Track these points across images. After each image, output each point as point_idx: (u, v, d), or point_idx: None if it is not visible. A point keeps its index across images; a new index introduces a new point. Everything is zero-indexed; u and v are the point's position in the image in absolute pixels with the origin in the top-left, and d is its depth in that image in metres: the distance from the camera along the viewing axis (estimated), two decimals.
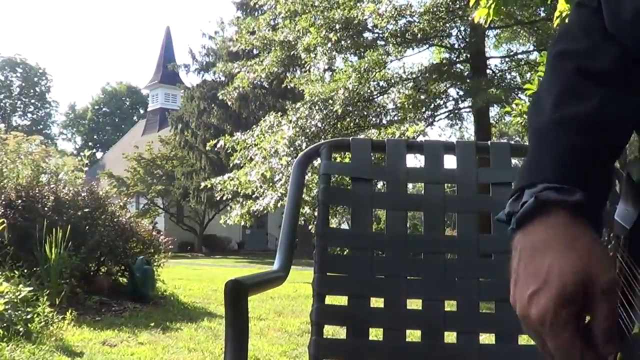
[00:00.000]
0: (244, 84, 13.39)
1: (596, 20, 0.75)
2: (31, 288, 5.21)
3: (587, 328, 0.64)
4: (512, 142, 1.60)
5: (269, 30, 13.27)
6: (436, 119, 14.30)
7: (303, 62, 13.47)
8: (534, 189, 0.68)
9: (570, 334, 0.63)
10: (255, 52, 13.91)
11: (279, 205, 12.05)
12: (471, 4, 4.61)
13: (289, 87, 14.09)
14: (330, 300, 1.34)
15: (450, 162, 1.44)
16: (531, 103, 0.78)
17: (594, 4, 0.76)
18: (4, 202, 6.79)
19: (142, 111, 47.08)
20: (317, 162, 1.49)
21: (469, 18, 10.06)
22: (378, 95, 13.75)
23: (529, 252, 0.66)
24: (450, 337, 1.34)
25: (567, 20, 0.80)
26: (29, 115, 46.53)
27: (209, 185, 13.90)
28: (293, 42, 12.93)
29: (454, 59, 14.40)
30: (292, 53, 13.18)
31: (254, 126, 13.97)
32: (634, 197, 0.81)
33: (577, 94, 0.71)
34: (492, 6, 4.30)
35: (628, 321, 0.73)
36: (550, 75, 0.76)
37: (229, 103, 14.34)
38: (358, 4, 12.36)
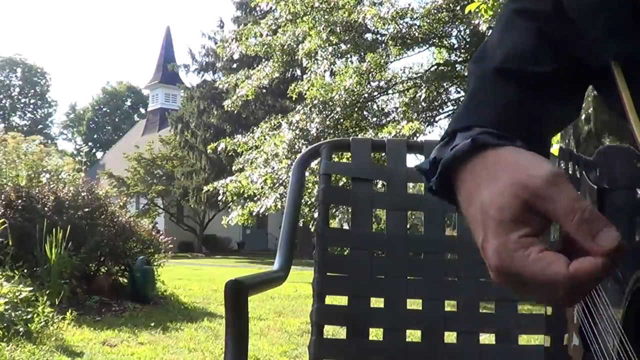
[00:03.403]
0: (250, 93, 13.39)
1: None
2: (31, 288, 5.21)
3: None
4: None
5: (270, 34, 13.26)
6: (436, 119, 14.30)
7: (304, 66, 13.47)
8: (469, 132, 0.59)
9: (538, 252, 0.51)
10: (256, 54, 13.88)
11: (279, 206, 12.05)
12: (467, 10, 4.63)
13: (289, 84, 14.09)
14: (330, 300, 1.35)
15: None
16: (475, 53, 0.70)
17: None
18: (4, 202, 6.79)
19: (142, 111, 47.10)
20: (315, 163, 1.49)
21: (470, 20, 10.07)
22: (378, 96, 13.75)
23: (466, 199, 0.58)
24: (450, 337, 1.34)
25: None
26: (29, 115, 46.57)
27: (212, 189, 13.92)
28: (294, 46, 12.93)
29: (455, 59, 14.40)
30: (293, 58, 13.17)
31: (254, 127, 13.97)
32: (591, 199, 0.81)
33: (534, 54, 0.64)
34: (489, 1, 4.30)
35: (590, 332, 0.72)
36: (504, 30, 0.68)
37: (232, 109, 14.34)
38: (359, 7, 12.36)
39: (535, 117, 0.63)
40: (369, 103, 13.59)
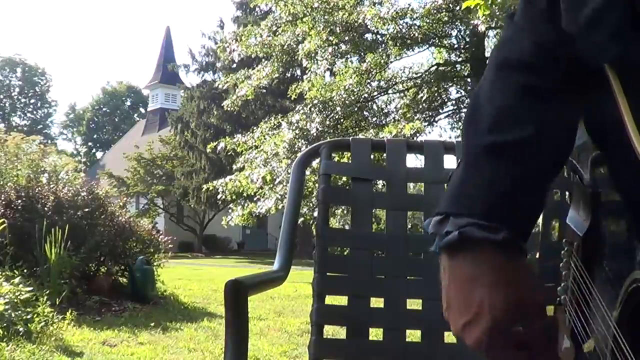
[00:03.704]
0: (249, 93, 13.39)
1: (544, 26, 0.70)
2: (31, 288, 5.21)
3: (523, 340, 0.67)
4: None
5: (270, 35, 13.24)
6: (436, 119, 14.31)
7: (304, 66, 13.45)
8: (459, 220, 0.67)
9: (508, 353, 0.66)
10: (256, 55, 13.86)
11: (279, 207, 12.05)
12: (464, 5, 4.61)
13: (289, 84, 14.09)
14: (330, 300, 1.35)
15: (450, 162, 1.44)
16: (469, 107, 0.75)
17: (542, 4, 0.71)
18: (4, 202, 6.79)
19: (142, 111, 47.09)
20: (315, 163, 1.49)
21: (470, 21, 10.07)
22: (378, 96, 13.75)
23: (458, 282, 0.68)
24: (450, 337, 1.33)
25: (513, 21, 0.75)
26: (29, 115, 46.54)
27: (211, 188, 13.91)
28: (294, 46, 12.92)
29: (455, 59, 14.40)
30: (293, 58, 13.16)
31: (254, 127, 13.97)
32: (585, 203, 0.81)
33: (515, 118, 0.69)
34: None
35: (583, 334, 0.73)
36: (492, 85, 0.73)
37: (232, 109, 14.32)
38: (358, 7, 12.36)
39: (524, 186, 0.69)
40: (369, 103, 13.59)
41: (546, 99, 0.69)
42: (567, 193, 1.23)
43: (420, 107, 13.50)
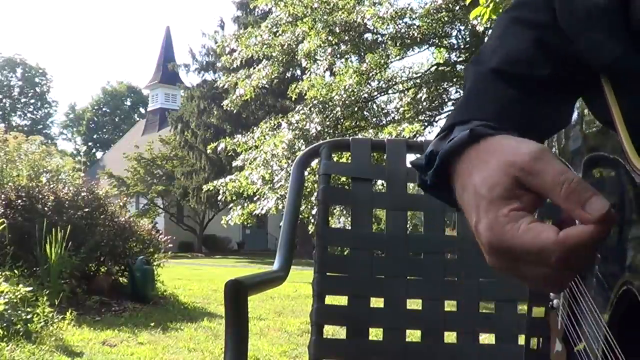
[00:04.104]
0: (249, 93, 13.39)
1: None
2: (31, 288, 5.21)
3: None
4: None
5: (270, 36, 13.24)
6: (436, 119, 14.30)
7: (304, 66, 13.46)
8: (467, 125, 0.60)
9: (528, 223, 0.52)
10: (257, 55, 13.86)
11: (279, 207, 12.05)
12: (467, 2, 4.62)
13: (288, 84, 14.09)
14: (330, 300, 1.34)
15: None
16: (473, 57, 0.71)
17: None
18: (4, 202, 6.79)
19: (142, 111, 47.09)
20: (315, 163, 1.49)
21: (470, 22, 10.06)
22: (378, 96, 13.75)
23: (461, 186, 0.59)
24: (450, 337, 1.34)
25: None
26: (29, 115, 46.57)
27: (211, 188, 13.92)
28: (294, 46, 12.92)
29: (455, 59, 14.40)
30: (292, 58, 13.16)
31: (254, 127, 13.97)
32: None
33: (531, 58, 0.66)
34: (491, 5, 4.30)
35: (575, 337, 0.73)
36: (501, 36, 0.70)
37: (231, 109, 14.32)
38: (357, 8, 12.36)
39: (530, 116, 0.64)
40: (369, 103, 13.59)
41: (559, 57, 0.66)
42: None
43: (420, 107, 13.49)
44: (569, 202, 0.51)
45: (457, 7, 12.24)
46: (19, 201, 6.85)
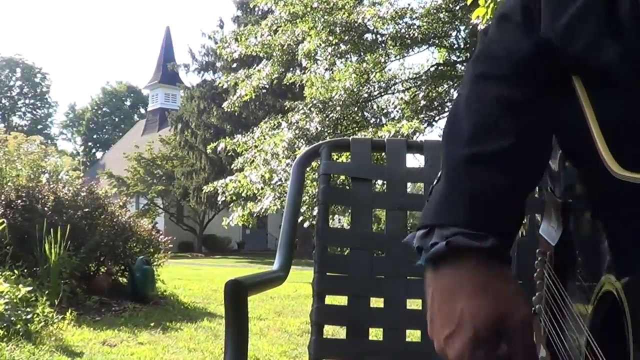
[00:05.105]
0: (249, 93, 13.38)
1: (520, 39, 0.71)
2: (31, 288, 5.21)
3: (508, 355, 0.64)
4: None
5: (270, 35, 13.24)
6: (436, 119, 14.31)
7: (304, 66, 13.47)
8: (445, 232, 0.67)
9: None
10: (256, 54, 13.86)
11: (278, 205, 12.06)
12: (469, 2, 4.61)
13: (288, 83, 14.10)
14: (330, 300, 1.34)
15: None
16: (447, 124, 0.74)
17: (517, 18, 0.71)
18: (4, 202, 6.79)
19: (142, 111, 47.07)
20: (315, 163, 1.49)
21: (470, 21, 10.06)
22: (378, 96, 13.75)
23: (440, 294, 0.66)
24: None
25: (489, 35, 0.75)
26: (29, 115, 46.54)
27: (211, 189, 13.92)
28: (294, 46, 12.92)
29: (455, 59, 14.41)
30: (293, 57, 13.17)
31: (254, 127, 13.97)
32: (557, 213, 0.82)
33: (495, 128, 0.69)
34: (491, 5, 4.30)
35: (558, 342, 0.73)
36: (469, 99, 0.73)
37: (232, 109, 14.32)
38: (358, 8, 12.36)
39: (506, 193, 0.68)
40: (369, 103, 13.59)
41: (524, 110, 0.69)
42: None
43: (420, 107, 13.50)
44: None
45: (457, 7, 12.24)
46: (19, 201, 6.85)
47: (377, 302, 1.35)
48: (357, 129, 12.96)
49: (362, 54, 12.93)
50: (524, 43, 0.70)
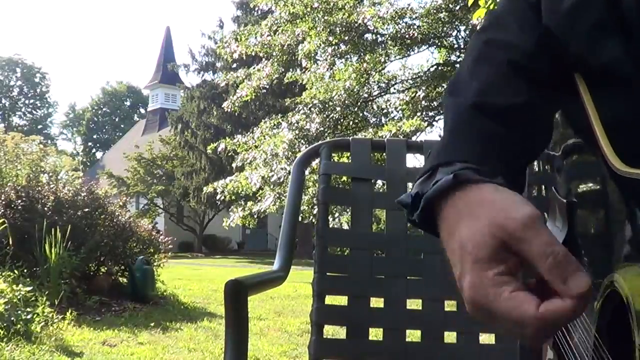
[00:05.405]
0: (249, 93, 13.39)
1: (530, 13, 0.69)
2: (31, 288, 5.21)
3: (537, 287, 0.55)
4: None
5: (269, 35, 13.24)
6: (436, 119, 14.31)
7: (304, 66, 13.47)
8: (451, 167, 0.60)
9: (511, 291, 0.53)
10: (256, 54, 13.86)
11: (278, 205, 12.07)
12: (469, 3, 4.61)
13: (288, 83, 14.10)
14: (330, 300, 1.34)
15: None
16: (448, 85, 0.71)
17: None
18: (4, 202, 6.79)
19: (142, 111, 47.08)
20: (315, 163, 1.49)
21: (470, 22, 10.06)
22: (378, 96, 13.75)
23: (446, 233, 0.59)
24: (450, 337, 1.34)
25: (497, 6, 0.73)
26: (29, 115, 46.54)
27: (211, 190, 13.92)
28: (294, 46, 12.92)
29: (454, 59, 14.41)
30: (292, 57, 13.17)
31: (254, 127, 13.97)
32: (561, 212, 0.81)
33: (506, 87, 0.66)
34: (491, 6, 4.30)
35: (565, 343, 0.72)
36: (476, 62, 0.70)
37: (232, 110, 14.33)
38: (358, 8, 12.36)
39: (511, 149, 0.65)
40: (369, 103, 13.60)
41: (535, 80, 0.66)
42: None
43: (420, 107, 13.50)
44: (552, 275, 0.52)
45: (457, 7, 12.24)
46: (19, 201, 6.85)
47: (377, 302, 1.35)
48: (357, 129, 12.95)
49: (362, 54, 12.93)
50: (533, 15, 0.68)
